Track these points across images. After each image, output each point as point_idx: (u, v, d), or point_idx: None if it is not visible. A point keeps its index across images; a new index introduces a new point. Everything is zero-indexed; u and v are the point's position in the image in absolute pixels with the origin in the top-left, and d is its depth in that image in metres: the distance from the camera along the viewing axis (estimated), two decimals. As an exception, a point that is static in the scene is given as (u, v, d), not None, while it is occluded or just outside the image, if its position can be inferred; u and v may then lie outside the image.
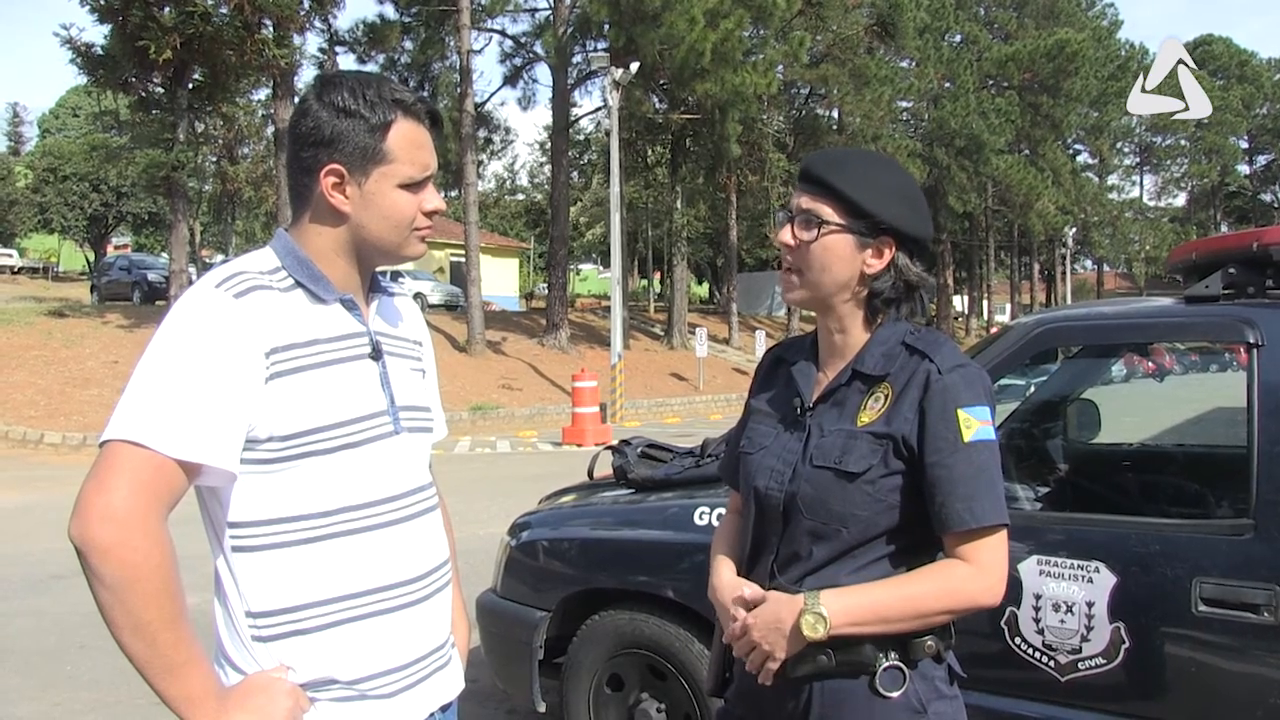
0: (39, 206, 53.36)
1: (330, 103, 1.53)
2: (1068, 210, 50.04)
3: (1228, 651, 2.59)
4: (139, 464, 1.35)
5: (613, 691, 3.65)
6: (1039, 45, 45.34)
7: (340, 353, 1.54)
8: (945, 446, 1.60)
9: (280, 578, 1.49)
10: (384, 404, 1.59)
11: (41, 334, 20.01)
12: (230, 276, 1.49)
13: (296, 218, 1.60)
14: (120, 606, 1.33)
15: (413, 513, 1.62)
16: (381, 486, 1.57)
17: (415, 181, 1.57)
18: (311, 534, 1.50)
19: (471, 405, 20.78)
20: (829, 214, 1.68)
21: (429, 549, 1.65)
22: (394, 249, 1.59)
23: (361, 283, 1.63)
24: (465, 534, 8.52)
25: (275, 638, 1.50)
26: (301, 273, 1.54)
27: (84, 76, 22.26)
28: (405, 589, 1.58)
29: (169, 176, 21.31)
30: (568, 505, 4.09)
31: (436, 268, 45.06)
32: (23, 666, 5.46)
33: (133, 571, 1.32)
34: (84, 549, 1.33)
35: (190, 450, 1.38)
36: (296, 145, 1.55)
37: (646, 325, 36.62)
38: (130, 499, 1.34)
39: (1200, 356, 22.37)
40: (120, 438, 1.36)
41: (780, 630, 1.62)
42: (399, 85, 1.58)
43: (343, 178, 1.53)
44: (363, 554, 1.53)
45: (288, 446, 1.47)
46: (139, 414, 1.38)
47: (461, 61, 26.25)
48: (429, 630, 1.64)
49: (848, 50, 33.54)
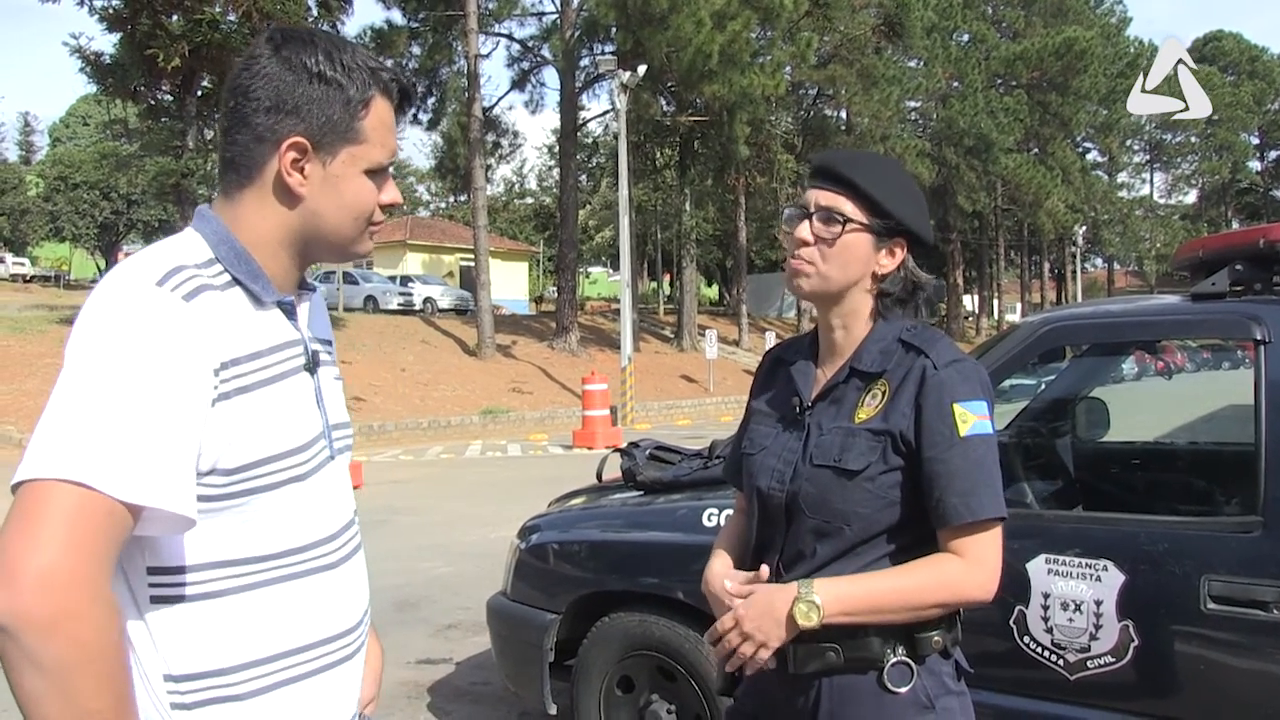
0: (50, 215, 53.66)
1: (301, 63, 1.28)
2: (1077, 208, 49.93)
3: (1237, 649, 2.59)
4: (80, 510, 1.06)
5: (623, 693, 3.65)
6: (1047, 43, 45.24)
7: (280, 367, 1.29)
8: (942, 441, 1.60)
9: (209, 634, 1.23)
10: (320, 426, 1.36)
11: (54, 342, 20.08)
12: (172, 271, 1.21)
13: (231, 194, 1.32)
14: (60, 698, 1.03)
15: (347, 553, 1.40)
16: (323, 524, 1.35)
17: (380, 168, 1.35)
18: (247, 581, 1.25)
19: (482, 409, 20.79)
20: (851, 211, 1.69)
21: (361, 593, 1.44)
22: (346, 243, 1.36)
23: (296, 280, 1.38)
24: (476, 537, 8.57)
25: (200, 704, 1.24)
26: (240, 268, 1.28)
27: (93, 85, 22.38)
28: (340, 642, 1.37)
29: (178, 184, 21.37)
30: (577, 508, 4.10)
31: (446, 272, 45.20)
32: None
33: (83, 651, 1.04)
34: (16, 628, 1.01)
35: (143, 492, 1.09)
36: (245, 105, 1.28)
37: (656, 327, 36.62)
38: (73, 556, 1.04)
39: (1214, 354, 22.28)
40: (52, 476, 1.06)
41: (774, 618, 1.62)
42: (370, 53, 1.35)
43: (305, 153, 1.28)
44: (302, 603, 1.31)
45: (233, 482, 1.22)
46: (74, 445, 1.08)
47: (469, 66, 26.28)
48: (354, 689, 1.43)
49: (855, 50, 33.50)
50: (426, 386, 21.41)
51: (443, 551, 8.03)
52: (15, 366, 18.39)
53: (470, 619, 5.99)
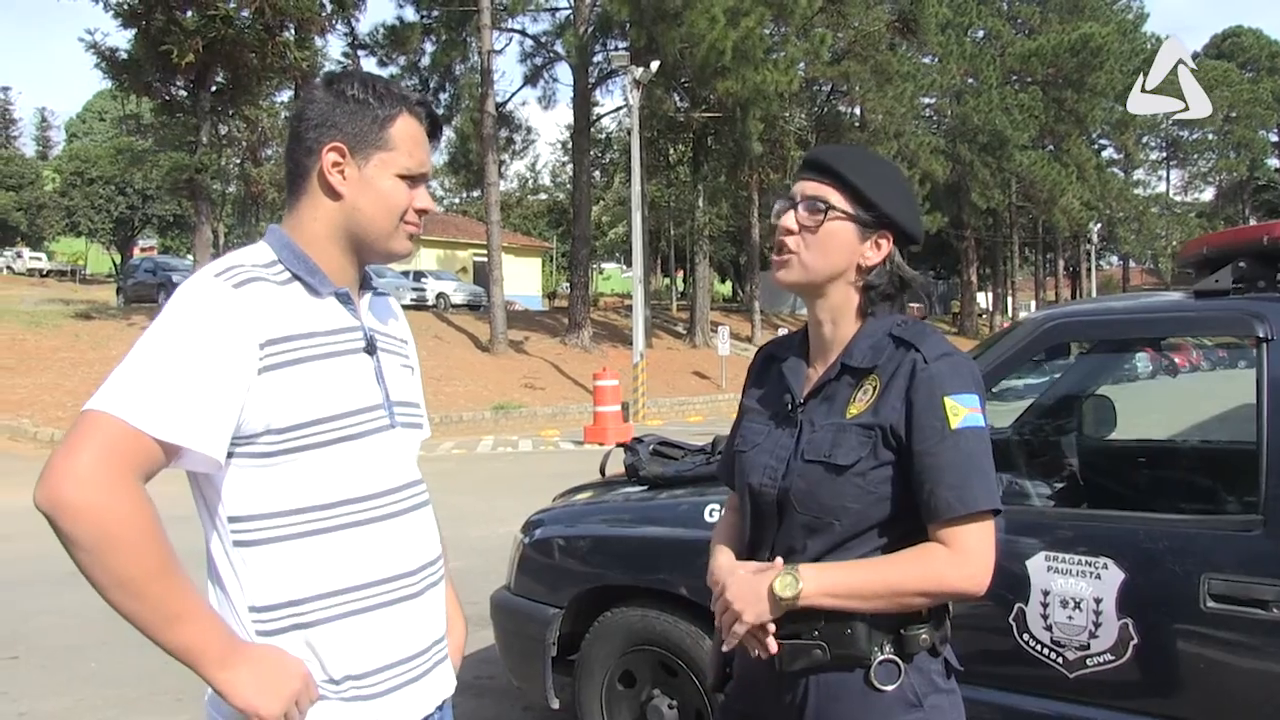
0: (66, 210, 54.01)
1: (339, 91, 1.58)
2: (1092, 206, 49.63)
3: (1236, 648, 2.58)
4: (112, 434, 1.34)
5: (625, 688, 3.66)
6: (1063, 40, 44.96)
7: (336, 346, 1.56)
8: (933, 435, 1.59)
9: (281, 572, 1.49)
10: (379, 398, 1.61)
11: (69, 336, 20.23)
12: (229, 268, 1.50)
13: (291, 205, 1.62)
14: (99, 566, 1.32)
15: (407, 507, 1.63)
16: (378, 480, 1.58)
17: (412, 175, 1.60)
18: (310, 527, 1.51)
19: (494, 404, 20.83)
20: (836, 200, 1.70)
21: (423, 544, 1.67)
22: (383, 238, 1.61)
23: (354, 276, 1.65)
24: (486, 532, 8.58)
25: (279, 631, 1.50)
26: (298, 266, 1.56)
27: (109, 80, 22.52)
28: (402, 582, 1.60)
29: (192, 179, 21.50)
30: (580, 503, 4.11)
31: (459, 268, 45.26)
32: (47, 662, 5.53)
33: (107, 529, 1.31)
34: (53, 513, 1.31)
35: (167, 429, 1.37)
36: (300, 126, 1.59)
37: (669, 324, 36.61)
38: (97, 462, 1.32)
39: (1230, 352, 22.11)
40: (98, 408, 1.36)
41: (755, 591, 1.63)
42: (405, 86, 1.65)
43: (344, 156, 1.56)
44: (361, 547, 1.54)
45: (285, 440, 1.48)
46: (121, 389, 1.37)
47: (482, 62, 26.30)
48: (426, 625, 1.65)
49: (870, 47, 33.40)
50: (439, 382, 21.45)
51: (452, 546, 7.87)
52: (32, 361, 18.50)
53: (477, 613, 5.97)
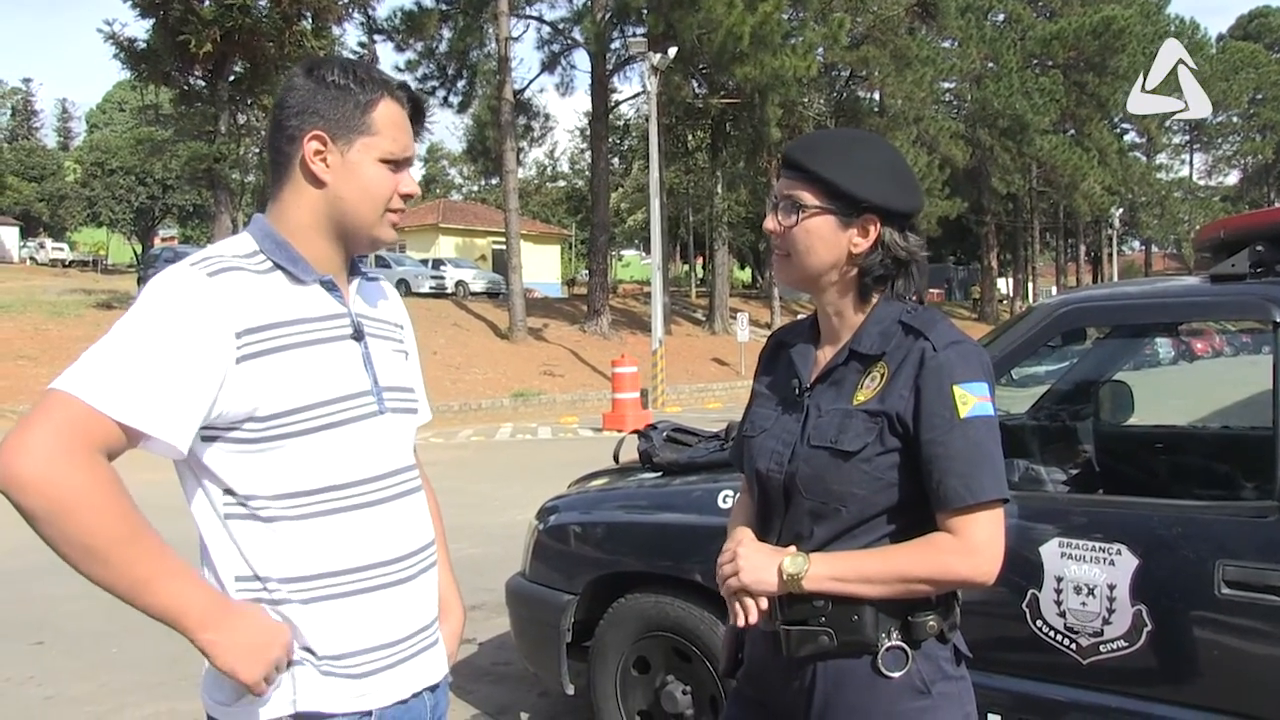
0: (88, 200, 54.36)
1: (319, 77, 1.56)
2: (1114, 190, 49.22)
3: (1251, 634, 2.56)
4: (70, 412, 1.34)
5: (639, 674, 3.68)
6: (1084, 22, 44.45)
7: (320, 333, 1.54)
8: (941, 424, 1.59)
9: (265, 549, 1.50)
10: (367, 384, 1.59)
11: (91, 326, 20.37)
12: (206, 258, 1.50)
13: (275, 193, 1.60)
14: (60, 538, 1.32)
15: (395, 493, 1.62)
16: (365, 466, 1.57)
17: (395, 160, 1.59)
18: (296, 512, 1.50)
19: (513, 392, 20.88)
20: (808, 198, 1.69)
21: (412, 530, 1.65)
22: (367, 226, 1.59)
23: (341, 264, 1.63)
24: (505, 519, 8.62)
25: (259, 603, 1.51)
26: (279, 255, 1.55)
27: (128, 71, 22.61)
28: (387, 569, 1.58)
29: (211, 169, 21.57)
30: (595, 489, 4.12)
31: (478, 255, 45.35)
32: (72, 647, 5.61)
33: (61, 500, 1.31)
34: (6, 488, 1.31)
35: (126, 412, 1.36)
36: (281, 114, 1.57)
37: (688, 310, 36.58)
38: (49, 437, 1.32)
39: (1254, 338, 21.93)
40: (60, 388, 1.36)
41: (766, 561, 1.66)
42: (384, 71, 1.63)
43: (325, 144, 1.54)
44: (345, 532, 1.54)
45: (269, 427, 1.47)
46: (84, 371, 1.37)
47: (500, 49, 26.29)
48: (412, 611, 1.63)
49: (889, 31, 33.14)
50: (458, 369, 21.52)
51: (470, 533, 8.08)
52: (54, 350, 18.65)
53: (494, 600, 5.99)
